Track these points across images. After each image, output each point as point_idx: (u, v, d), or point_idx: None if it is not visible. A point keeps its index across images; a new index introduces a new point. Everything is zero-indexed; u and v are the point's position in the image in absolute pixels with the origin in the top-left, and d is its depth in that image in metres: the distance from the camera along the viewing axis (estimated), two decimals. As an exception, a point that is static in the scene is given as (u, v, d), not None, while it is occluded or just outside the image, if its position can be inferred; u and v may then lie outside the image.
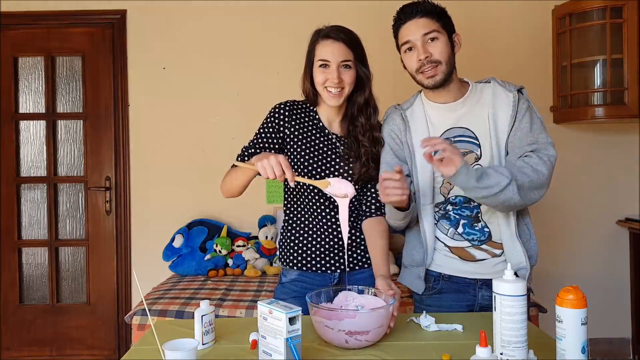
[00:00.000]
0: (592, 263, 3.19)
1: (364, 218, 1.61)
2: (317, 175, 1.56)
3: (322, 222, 1.59)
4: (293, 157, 1.58)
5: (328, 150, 1.59)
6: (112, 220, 3.25)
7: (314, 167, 1.57)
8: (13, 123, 3.25)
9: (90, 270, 3.25)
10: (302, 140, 1.59)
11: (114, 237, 3.24)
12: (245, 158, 1.58)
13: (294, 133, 1.59)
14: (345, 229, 1.43)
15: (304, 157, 1.57)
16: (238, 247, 3.03)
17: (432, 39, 1.47)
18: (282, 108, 1.61)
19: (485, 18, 3.15)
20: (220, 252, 2.98)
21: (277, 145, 1.59)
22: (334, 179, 1.42)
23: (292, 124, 1.60)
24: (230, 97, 3.22)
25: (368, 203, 1.61)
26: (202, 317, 1.23)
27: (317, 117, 1.63)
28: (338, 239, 1.59)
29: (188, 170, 3.22)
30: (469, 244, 1.53)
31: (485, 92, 1.54)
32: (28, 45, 3.25)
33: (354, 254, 1.62)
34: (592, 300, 1.32)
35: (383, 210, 1.59)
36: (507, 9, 3.17)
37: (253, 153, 1.57)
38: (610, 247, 3.18)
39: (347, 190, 1.40)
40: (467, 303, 1.55)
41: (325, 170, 1.57)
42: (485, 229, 1.52)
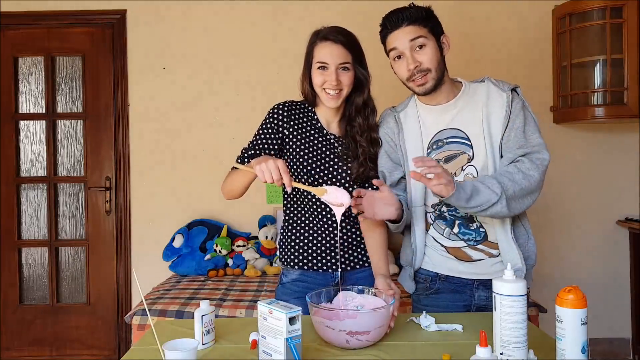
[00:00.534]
0: (592, 263, 3.19)
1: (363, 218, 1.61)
2: (315, 175, 1.56)
3: (322, 221, 1.59)
4: (292, 157, 1.58)
5: (326, 151, 1.59)
6: (112, 220, 3.25)
7: (313, 167, 1.57)
8: (13, 123, 3.25)
9: (90, 270, 3.25)
10: (300, 141, 1.59)
11: (114, 237, 3.24)
12: (245, 160, 1.58)
13: (293, 133, 1.59)
14: (339, 235, 1.46)
15: (303, 157, 1.57)
16: (238, 247, 3.03)
17: (420, 46, 1.46)
18: (280, 108, 1.61)
19: (485, 18, 3.15)
20: (220, 252, 2.98)
21: (276, 146, 1.59)
22: (331, 187, 1.43)
23: (291, 125, 1.60)
24: (230, 97, 3.22)
25: None
26: (202, 317, 1.23)
27: (315, 117, 1.63)
28: (337, 238, 1.59)
29: (188, 170, 3.22)
30: (465, 244, 1.53)
31: (479, 92, 1.53)
32: (28, 45, 3.25)
33: (354, 253, 1.63)
34: (592, 300, 1.32)
35: None
36: (507, 9, 3.17)
37: (253, 154, 1.57)
38: (610, 247, 3.18)
39: (343, 200, 1.41)
40: (463, 303, 1.55)
41: (324, 170, 1.57)
42: (481, 229, 1.52)
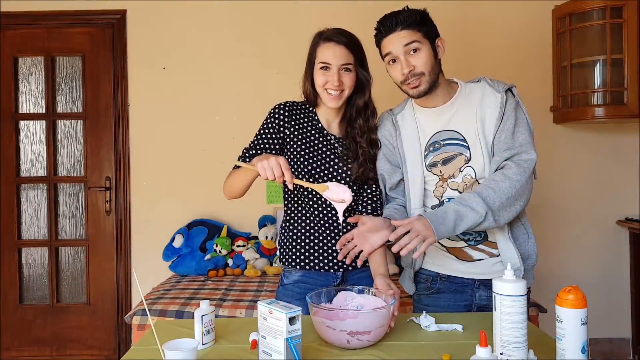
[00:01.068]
0: (592, 263, 3.19)
1: None
2: (316, 175, 1.56)
3: (323, 220, 1.59)
4: (292, 157, 1.58)
5: (327, 151, 1.60)
6: (112, 220, 3.25)
7: (313, 167, 1.57)
8: (13, 123, 3.25)
9: (90, 270, 3.25)
10: (301, 141, 1.59)
11: (114, 237, 3.24)
12: (246, 159, 1.58)
13: (294, 133, 1.60)
14: (342, 232, 1.46)
15: (303, 157, 1.57)
16: (238, 247, 3.03)
17: (414, 50, 1.46)
18: (281, 108, 1.62)
19: (485, 18, 3.15)
20: (220, 252, 2.98)
21: (277, 146, 1.59)
22: (333, 184, 1.44)
23: (291, 124, 1.60)
24: (230, 97, 3.22)
25: (364, 203, 1.61)
26: (202, 317, 1.23)
27: (316, 118, 1.64)
28: (339, 237, 1.59)
29: (188, 170, 3.22)
30: (466, 244, 1.53)
31: (474, 92, 1.52)
32: (28, 45, 3.25)
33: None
34: (592, 300, 1.32)
35: (380, 211, 1.60)
36: (507, 9, 3.16)
37: (254, 154, 1.57)
38: (610, 247, 3.18)
39: (344, 196, 1.42)
40: (464, 303, 1.55)
41: (324, 170, 1.57)
42: None
